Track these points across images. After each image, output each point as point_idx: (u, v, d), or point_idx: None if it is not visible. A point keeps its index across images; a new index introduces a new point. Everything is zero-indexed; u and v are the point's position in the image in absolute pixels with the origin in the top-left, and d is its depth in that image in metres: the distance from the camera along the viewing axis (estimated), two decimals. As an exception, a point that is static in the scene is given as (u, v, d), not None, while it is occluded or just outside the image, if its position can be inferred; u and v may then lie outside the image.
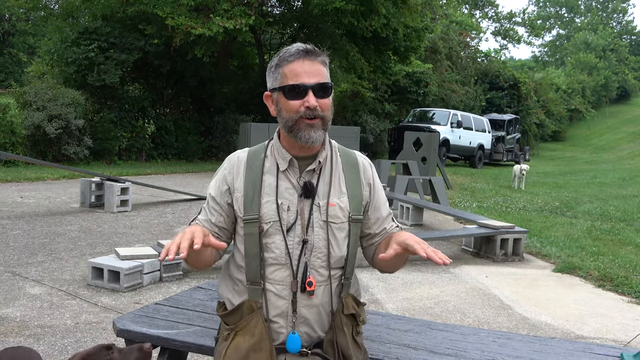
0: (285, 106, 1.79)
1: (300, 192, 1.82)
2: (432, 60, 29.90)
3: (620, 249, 7.21)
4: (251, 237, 1.80)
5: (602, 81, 55.93)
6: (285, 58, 1.80)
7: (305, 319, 1.79)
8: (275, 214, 1.79)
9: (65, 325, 3.76)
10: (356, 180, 1.91)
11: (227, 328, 1.84)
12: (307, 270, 1.78)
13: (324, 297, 1.81)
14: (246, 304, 1.80)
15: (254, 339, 1.75)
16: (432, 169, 13.13)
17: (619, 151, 36.25)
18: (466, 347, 2.19)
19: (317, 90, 1.76)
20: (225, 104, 20.17)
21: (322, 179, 1.86)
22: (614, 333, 4.23)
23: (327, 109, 1.80)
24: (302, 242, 1.79)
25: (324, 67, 1.81)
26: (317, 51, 1.81)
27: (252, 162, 1.89)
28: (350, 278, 1.89)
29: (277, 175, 1.85)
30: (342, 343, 1.81)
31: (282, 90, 1.80)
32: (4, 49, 35.00)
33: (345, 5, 15.48)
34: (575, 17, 77.26)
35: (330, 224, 1.82)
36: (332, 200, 1.83)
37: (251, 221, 1.80)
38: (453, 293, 5.10)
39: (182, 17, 14.97)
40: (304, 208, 1.81)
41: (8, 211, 7.63)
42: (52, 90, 14.08)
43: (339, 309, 1.83)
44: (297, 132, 1.78)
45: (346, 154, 1.97)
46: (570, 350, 2.22)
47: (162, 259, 1.51)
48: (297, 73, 1.77)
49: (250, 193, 1.83)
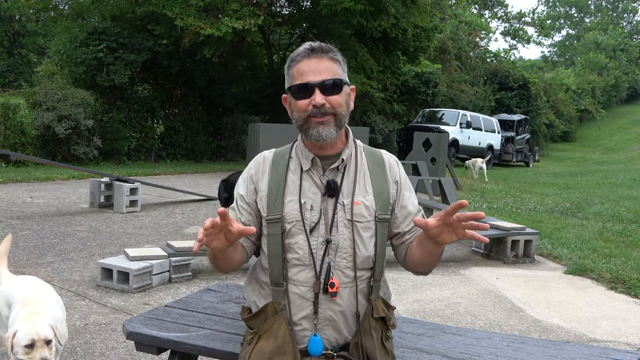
0: (295, 106, 1.79)
1: (323, 191, 1.79)
2: (441, 60, 29.84)
3: (632, 250, 7.14)
4: (274, 237, 1.78)
5: (612, 81, 55.58)
6: (293, 58, 1.80)
7: (330, 321, 1.76)
8: (298, 214, 1.77)
9: (75, 326, 3.75)
10: (382, 178, 1.88)
11: (250, 332, 1.81)
12: (330, 270, 1.75)
13: (349, 299, 1.78)
14: (270, 306, 1.77)
15: (277, 342, 1.72)
16: (441, 170, 13.07)
17: (630, 152, 36.00)
18: (480, 352, 2.16)
19: (325, 88, 1.74)
20: (234, 104, 20.18)
21: (346, 178, 1.83)
22: (627, 336, 4.18)
23: (339, 105, 1.77)
24: (325, 242, 1.76)
25: (334, 63, 1.78)
26: (324, 48, 1.79)
27: (278, 162, 1.87)
28: (380, 280, 1.85)
29: (301, 175, 1.83)
30: (369, 347, 1.76)
31: (290, 91, 1.80)
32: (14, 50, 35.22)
33: (355, 5, 15.43)
34: (585, 17, 76.81)
35: (356, 223, 1.78)
36: (357, 199, 1.80)
37: (274, 221, 1.78)
38: (464, 295, 5.06)
39: (191, 17, 14.98)
40: (327, 207, 1.78)
41: (18, 211, 7.65)
42: (61, 90, 14.13)
43: (368, 312, 1.79)
44: (307, 130, 1.77)
45: (372, 152, 1.94)
46: (587, 355, 2.19)
47: (196, 250, 1.50)
48: (303, 72, 1.76)
49: (274, 192, 1.81)
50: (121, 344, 3.46)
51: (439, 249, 1.74)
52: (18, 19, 34.99)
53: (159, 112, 18.38)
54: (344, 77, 1.81)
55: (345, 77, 1.82)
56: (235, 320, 2.33)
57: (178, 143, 18.09)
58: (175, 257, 4.94)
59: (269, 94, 21.10)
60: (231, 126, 19.44)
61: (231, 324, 2.30)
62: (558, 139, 44.07)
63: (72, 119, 13.66)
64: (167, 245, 5.21)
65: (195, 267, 5.31)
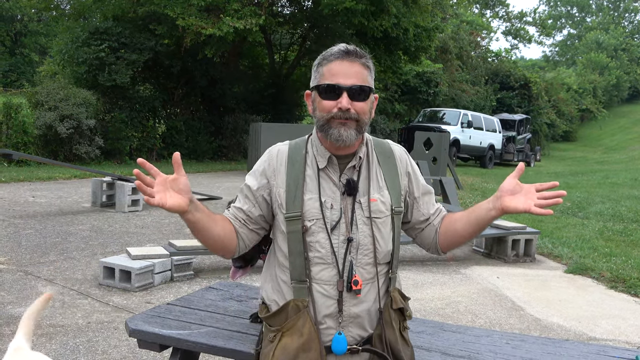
0: (320, 105, 1.78)
1: (342, 190, 1.80)
2: (442, 60, 29.85)
3: (632, 250, 7.14)
4: (294, 234, 1.78)
5: (613, 81, 55.57)
6: (326, 57, 1.79)
7: (354, 318, 1.77)
8: (319, 212, 1.77)
9: (77, 324, 3.77)
10: (393, 170, 1.90)
11: (272, 330, 1.81)
12: (353, 268, 1.76)
13: (371, 294, 1.79)
14: (292, 303, 1.77)
15: (302, 339, 1.72)
16: (442, 169, 13.08)
17: (631, 151, 35.94)
18: (479, 349, 2.18)
19: (353, 93, 1.74)
20: (236, 104, 20.21)
21: (362, 174, 1.84)
22: (627, 335, 4.19)
23: (363, 113, 1.77)
24: (347, 240, 1.77)
25: (365, 70, 1.79)
26: (358, 52, 1.79)
27: (294, 157, 1.86)
28: (396, 272, 1.88)
29: (318, 173, 1.83)
30: (391, 338, 1.79)
31: (317, 89, 1.80)
32: (16, 49, 35.28)
33: (356, 5, 15.45)
34: (586, 17, 76.77)
35: (374, 219, 1.79)
36: (373, 196, 1.81)
37: (294, 218, 1.78)
38: (464, 294, 5.08)
39: (192, 17, 15.00)
40: (347, 206, 1.79)
41: (20, 210, 7.68)
42: (63, 90, 14.15)
43: (387, 304, 1.81)
44: (327, 129, 1.77)
45: (379, 144, 1.95)
46: (585, 352, 2.20)
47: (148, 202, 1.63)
48: (335, 73, 1.75)
49: (292, 189, 1.81)
50: (123, 342, 3.49)
51: (492, 220, 1.79)
52: (20, 19, 35.07)
53: (160, 112, 18.41)
54: (372, 85, 1.81)
55: (372, 84, 1.81)
56: (237, 318, 2.36)
57: (179, 142, 18.10)
58: (177, 256, 4.97)
59: (270, 94, 21.13)
60: (232, 126, 19.46)
61: (232, 321, 2.32)
62: (559, 138, 44.08)
63: (74, 118, 13.68)
64: (169, 244, 5.23)
65: (197, 266, 5.33)
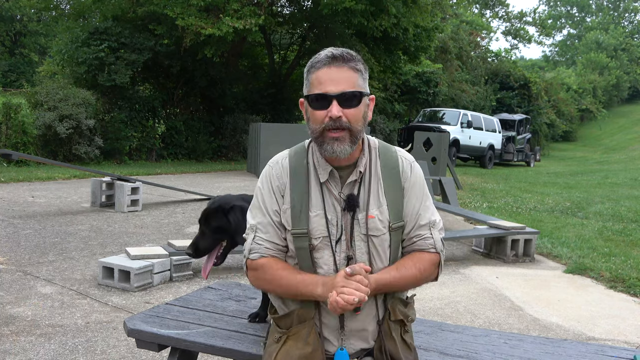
0: (312, 116, 1.72)
1: (343, 206, 1.75)
2: (442, 60, 29.86)
3: (632, 250, 7.14)
4: (303, 251, 1.76)
5: (613, 81, 55.59)
6: (314, 64, 1.73)
7: (355, 332, 1.76)
8: (325, 229, 1.74)
9: (76, 324, 3.77)
10: (396, 184, 1.82)
11: (279, 331, 1.81)
12: None
13: (371, 310, 1.78)
14: (297, 312, 1.76)
15: (307, 348, 1.72)
16: (442, 169, 13.08)
17: (631, 151, 35.95)
18: (477, 349, 2.18)
19: (343, 100, 1.67)
20: (235, 103, 20.22)
21: (362, 188, 1.79)
22: (625, 335, 4.19)
23: (355, 120, 1.70)
24: (347, 257, 1.74)
25: (355, 73, 1.71)
26: (345, 56, 1.70)
27: (297, 170, 1.81)
28: None
29: (322, 188, 1.78)
30: (391, 349, 1.77)
31: (307, 99, 1.74)
32: (15, 50, 35.28)
33: (355, 5, 15.46)
34: (586, 17, 76.77)
35: (371, 237, 1.76)
36: (371, 212, 1.76)
37: (300, 235, 1.75)
38: (463, 294, 5.08)
39: (192, 17, 15.01)
40: (347, 222, 1.75)
41: (20, 210, 7.68)
42: (63, 90, 14.17)
43: (386, 317, 1.79)
44: (321, 143, 1.72)
45: (386, 155, 1.85)
46: (583, 352, 2.20)
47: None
48: (322, 81, 1.69)
49: (297, 205, 1.77)
50: (122, 342, 3.49)
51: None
52: (19, 19, 35.05)
53: (160, 112, 18.41)
54: (364, 88, 1.73)
55: (365, 87, 1.74)
56: (235, 318, 2.36)
57: (179, 142, 18.12)
58: (176, 256, 4.96)
59: (270, 94, 21.13)
60: (232, 126, 19.46)
61: (231, 321, 2.32)
62: (559, 138, 44.10)
63: (73, 118, 13.69)
64: (168, 244, 5.24)
65: (196, 266, 5.33)
